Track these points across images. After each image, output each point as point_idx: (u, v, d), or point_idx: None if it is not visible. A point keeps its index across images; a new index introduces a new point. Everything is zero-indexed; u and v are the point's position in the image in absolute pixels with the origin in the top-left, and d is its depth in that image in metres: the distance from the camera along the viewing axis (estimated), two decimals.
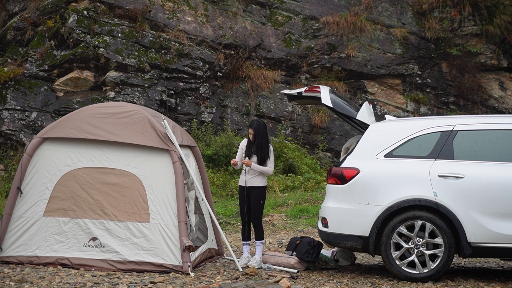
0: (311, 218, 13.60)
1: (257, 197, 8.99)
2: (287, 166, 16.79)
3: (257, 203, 9.01)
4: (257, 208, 9.02)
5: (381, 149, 8.39)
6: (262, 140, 8.99)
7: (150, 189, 8.49)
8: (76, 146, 8.68)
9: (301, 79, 18.50)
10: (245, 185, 9.03)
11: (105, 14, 17.26)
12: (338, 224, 8.40)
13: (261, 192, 9.02)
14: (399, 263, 8.12)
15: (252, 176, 8.99)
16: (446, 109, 19.04)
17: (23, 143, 16.06)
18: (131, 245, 8.37)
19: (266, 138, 9.05)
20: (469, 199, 7.97)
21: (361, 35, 18.82)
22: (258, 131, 9.00)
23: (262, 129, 9.03)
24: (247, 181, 9.01)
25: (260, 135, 8.99)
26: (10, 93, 16.56)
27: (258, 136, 8.99)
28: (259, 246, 9.03)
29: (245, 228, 9.13)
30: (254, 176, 8.99)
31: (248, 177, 9.00)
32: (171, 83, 17.21)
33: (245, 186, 9.03)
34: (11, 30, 17.71)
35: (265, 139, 9.01)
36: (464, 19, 19.15)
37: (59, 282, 7.59)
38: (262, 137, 8.99)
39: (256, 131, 9.00)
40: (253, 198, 8.99)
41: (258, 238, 9.04)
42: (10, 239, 8.56)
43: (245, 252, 9.13)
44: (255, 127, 9.02)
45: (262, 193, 9.03)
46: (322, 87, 8.89)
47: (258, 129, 9.00)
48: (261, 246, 9.05)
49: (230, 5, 18.66)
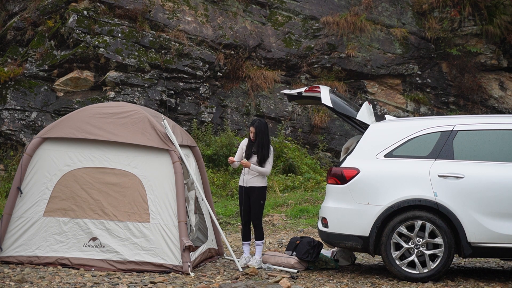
0: (311, 218, 13.60)
1: (257, 197, 8.99)
2: (287, 166, 16.79)
3: (257, 203, 9.00)
4: (257, 209, 9.01)
5: (381, 149, 8.38)
6: (264, 140, 8.98)
7: (150, 189, 8.49)
8: (76, 146, 8.68)
9: (301, 79, 18.50)
10: (245, 185, 9.02)
11: (105, 14, 17.26)
12: (338, 224, 8.40)
13: (261, 193, 9.01)
14: (399, 263, 8.12)
15: (252, 177, 8.98)
16: (446, 109, 19.04)
17: (23, 143, 16.06)
18: (131, 245, 8.37)
19: (267, 138, 9.05)
20: (469, 199, 7.97)
21: (361, 35, 18.82)
22: (260, 130, 8.99)
23: (264, 128, 9.02)
24: (247, 182, 9.00)
25: (262, 134, 8.98)
26: (10, 93, 16.56)
27: (259, 134, 8.98)
28: (259, 246, 9.03)
29: (245, 228, 9.13)
30: (254, 176, 8.99)
31: (248, 177, 8.99)
32: (171, 83, 17.21)
33: (245, 186, 9.02)
34: (11, 30, 17.71)
35: (266, 139, 9.00)
36: (464, 19, 19.15)
37: (59, 282, 7.59)
38: (264, 136, 8.98)
39: (258, 130, 8.99)
40: (253, 198, 8.99)
41: (258, 238, 9.04)
42: (10, 239, 8.56)
43: (246, 252, 9.13)
44: (257, 126, 9.01)
45: (262, 193, 9.03)
46: (322, 87, 8.88)
47: (260, 128, 8.99)
48: (261, 246, 9.05)
49: (230, 5, 18.66)
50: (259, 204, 9.01)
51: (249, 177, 8.98)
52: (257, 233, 9.06)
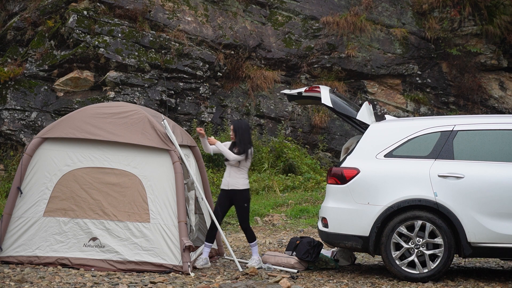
0: (311, 218, 13.61)
1: (241, 201, 8.80)
2: (287, 166, 16.80)
3: (242, 207, 8.83)
4: (242, 212, 8.84)
5: (381, 149, 8.38)
6: (244, 137, 8.80)
7: (150, 189, 8.49)
8: (76, 146, 8.67)
9: (301, 79, 18.50)
10: (227, 188, 8.82)
11: (105, 14, 17.26)
12: (338, 224, 8.40)
13: (244, 196, 8.80)
14: (399, 263, 8.12)
15: (235, 178, 8.80)
16: (446, 109, 19.04)
17: (23, 143, 16.06)
18: (131, 245, 8.37)
19: (248, 136, 8.85)
20: (469, 199, 7.97)
21: (361, 35, 18.82)
22: (239, 127, 8.84)
23: (244, 126, 8.88)
24: (228, 184, 8.81)
25: (242, 130, 8.82)
26: (10, 93, 16.56)
27: (239, 131, 8.82)
28: (254, 248, 8.92)
29: (211, 230, 8.87)
30: (236, 178, 8.80)
31: (230, 179, 8.81)
32: (171, 83, 17.21)
33: (227, 189, 8.82)
34: (11, 30, 17.71)
35: (246, 136, 8.82)
36: (464, 19, 19.15)
37: (59, 282, 7.59)
38: (244, 133, 8.82)
39: (237, 127, 8.85)
40: (237, 202, 8.82)
41: (250, 240, 8.91)
42: (10, 239, 8.56)
43: (204, 253, 8.85)
44: (235, 123, 8.91)
45: (245, 196, 8.82)
46: (322, 87, 8.88)
47: (239, 125, 8.86)
48: (256, 247, 8.94)
49: (230, 5, 18.67)
50: (243, 208, 8.83)
51: (230, 179, 8.81)
52: (248, 236, 8.92)
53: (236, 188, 8.79)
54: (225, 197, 8.85)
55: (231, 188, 8.80)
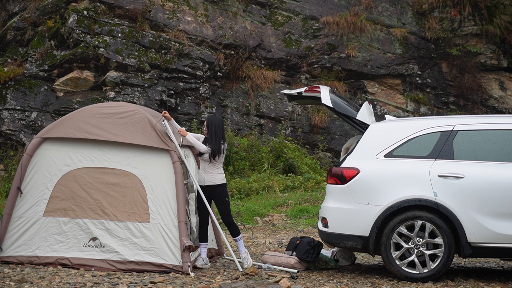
0: (311, 218, 13.61)
1: (220, 195, 8.76)
2: (287, 166, 16.80)
3: (222, 202, 8.77)
4: (224, 207, 8.79)
5: (381, 149, 8.38)
6: (217, 133, 8.70)
7: (150, 189, 8.49)
8: (76, 146, 8.67)
9: (301, 79, 18.51)
10: (204, 184, 8.76)
11: (105, 14, 17.27)
12: (338, 224, 8.40)
13: (222, 190, 8.77)
14: (399, 263, 8.11)
15: (210, 174, 8.73)
16: (446, 109, 19.04)
17: (23, 143, 16.06)
18: (131, 245, 8.37)
19: (221, 132, 8.75)
20: (469, 199, 7.96)
21: (361, 35, 18.82)
22: (212, 123, 8.74)
23: (218, 122, 8.78)
24: (205, 180, 8.76)
25: (214, 127, 8.72)
26: (10, 93, 16.56)
27: (212, 127, 8.73)
28: (239, 242, 8.81)
29: (202, 229, 8.83)
30: (212, 174, 8.73)
31: (206, 175, 8.75)
32: (171, 83, 17.21)
33: (204, 185, 8.76)
34: (11, 30, 17.72)
35: (219, 132, 8.71)
36: (464, 19, 19.15)
37: (59, 282, 7.59)
38: (217, 130, 8.71)
39: (210, 123, 8.75)
40: (217, 197, 8.77)
41: (235, 235, 8.82)
42: (10, 239, 8.55)
43: (203, 253, 8.84)
44: (208, 119, 8.82)
45: (223, 191, 8.78)
46: (322, 87, 8.88)
47: (212, 122, 8.77)
48: (241, 241, 8.84)
49: (230, 5, 18.67)
50: (224, 202, 8.78)
51: (206, 175, 8.74)
52: (232, 231, 8.82)
53: (214, 184, 8.74)
54: (205, 193, 8.74)
55: (208, 184, 8.74)
